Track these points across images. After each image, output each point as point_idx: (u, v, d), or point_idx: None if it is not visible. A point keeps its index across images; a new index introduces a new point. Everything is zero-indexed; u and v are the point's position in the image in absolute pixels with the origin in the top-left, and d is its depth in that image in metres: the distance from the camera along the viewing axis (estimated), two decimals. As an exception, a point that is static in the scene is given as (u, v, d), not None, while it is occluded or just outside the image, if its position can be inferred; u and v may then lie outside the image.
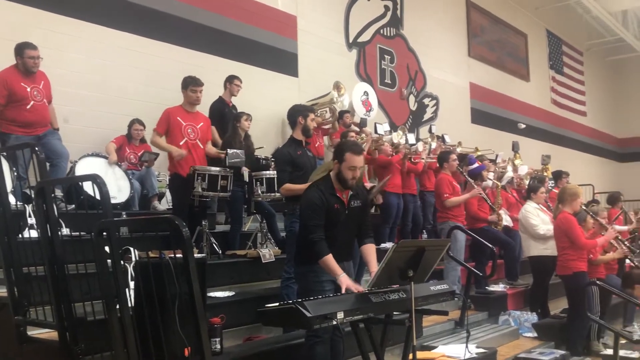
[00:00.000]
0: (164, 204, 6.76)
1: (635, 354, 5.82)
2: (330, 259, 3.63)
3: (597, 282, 5.84)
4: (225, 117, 6.83)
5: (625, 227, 8.19)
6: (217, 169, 5.54)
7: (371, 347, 3.49)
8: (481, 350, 4.93)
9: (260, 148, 6.69)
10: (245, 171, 5.86)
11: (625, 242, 6.73)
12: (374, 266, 3.77)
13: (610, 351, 5.60)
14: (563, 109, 17.46)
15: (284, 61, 9.07)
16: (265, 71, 8.74)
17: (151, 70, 7.30)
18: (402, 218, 7.96)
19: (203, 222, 5.45)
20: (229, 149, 5.72)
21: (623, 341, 5.63)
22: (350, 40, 10.38)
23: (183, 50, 7.68)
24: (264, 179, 5.82)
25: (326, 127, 8.41)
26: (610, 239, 6.22)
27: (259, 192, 5.81)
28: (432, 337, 5.58)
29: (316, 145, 7.93)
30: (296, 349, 4.03)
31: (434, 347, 5.02)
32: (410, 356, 3.39)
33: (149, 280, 2.94)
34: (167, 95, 6.64)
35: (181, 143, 5.52)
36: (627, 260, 7.11)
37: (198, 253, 5.07)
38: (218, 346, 3.77)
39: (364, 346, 3.50)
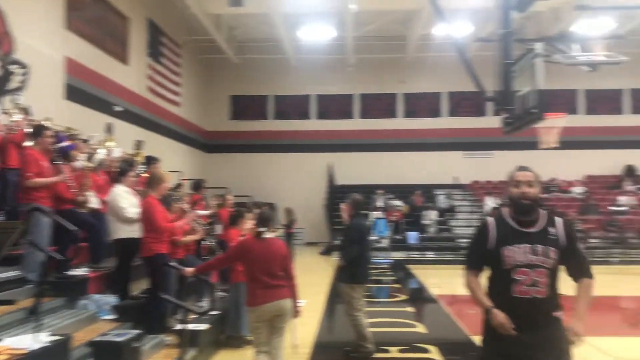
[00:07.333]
0: None
1: (204, 326, 6.44)
2: None
3: (172, 263, 6.20)
4: None
5: (205, 212, 8.99)
6: None
7: None
8: (55, 337, 4.67)
9: None
10: None
11: (204, 225, 7.39)
12: None
13: (182, 326, 6.04)
14: (158, 97, 18.10)
15: None
16: None
17: None
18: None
19: None
20: None
21: (195, 315, 6.17)
22: None
23: None
24: None
25: None
26: (189, 222, 6.73)
27: None
28: (-2, 329, 5.02)
29: None
30: None
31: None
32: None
33: None
34: None
35: None
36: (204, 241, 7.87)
37: None
38: None
39: None
